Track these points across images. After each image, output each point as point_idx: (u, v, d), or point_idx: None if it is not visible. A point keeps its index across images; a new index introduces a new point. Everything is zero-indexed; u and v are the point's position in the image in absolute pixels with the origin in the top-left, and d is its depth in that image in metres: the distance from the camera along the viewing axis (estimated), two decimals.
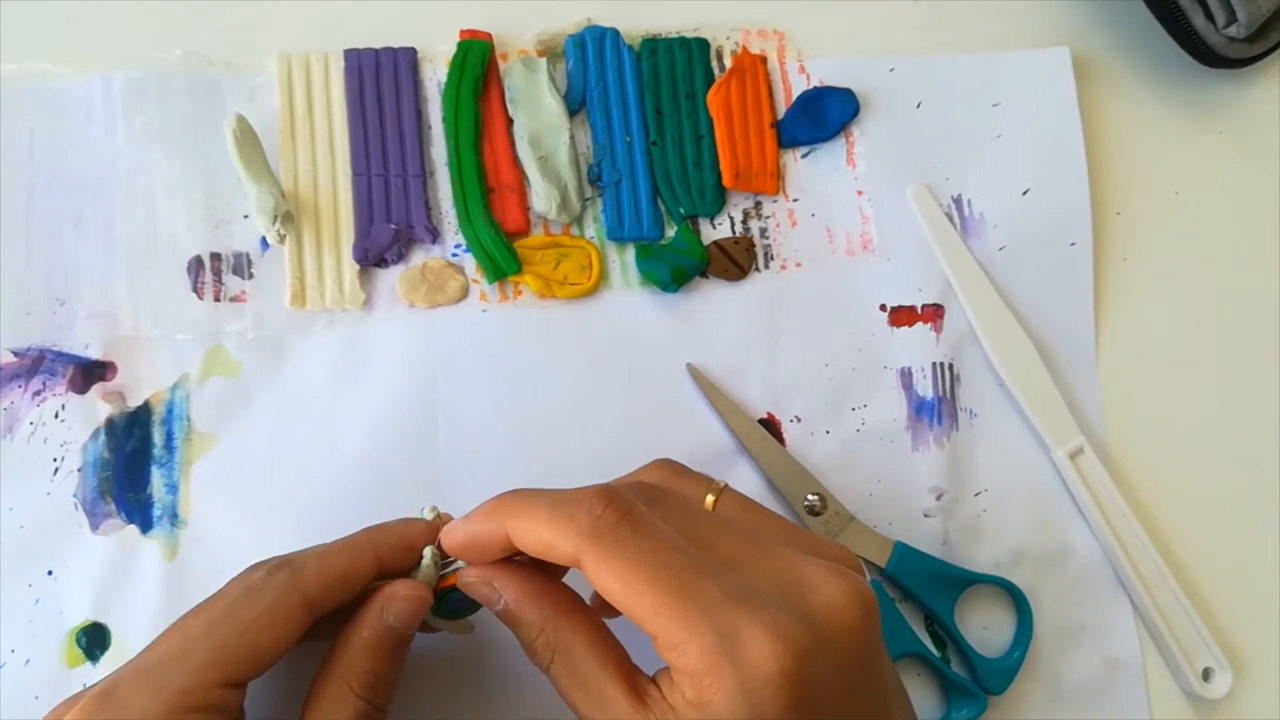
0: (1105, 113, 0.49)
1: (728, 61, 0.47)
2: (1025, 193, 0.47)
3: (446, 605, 0.34)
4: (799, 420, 0.44)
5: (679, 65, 0.46)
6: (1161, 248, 0.48)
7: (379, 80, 0.45)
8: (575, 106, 0.46)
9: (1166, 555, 0.43)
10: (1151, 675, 0.43)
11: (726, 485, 0.34)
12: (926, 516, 0.43)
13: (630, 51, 0.46)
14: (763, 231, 0.46)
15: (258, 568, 0.32)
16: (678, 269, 0.43)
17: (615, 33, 0.46)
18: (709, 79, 0.47)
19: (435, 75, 0.46)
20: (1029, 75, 0.48)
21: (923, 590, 0.41)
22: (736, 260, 0.45)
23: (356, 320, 0.43)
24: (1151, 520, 0.44)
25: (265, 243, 0.43)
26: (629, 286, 0.44)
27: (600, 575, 0.28)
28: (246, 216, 0.43)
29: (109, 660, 0.39)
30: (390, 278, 0.43)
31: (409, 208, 0.44)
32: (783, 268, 0.45)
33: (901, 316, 0.45)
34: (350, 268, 0.43)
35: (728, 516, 0.33)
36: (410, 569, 0.34)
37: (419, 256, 0.44)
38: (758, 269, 0.45)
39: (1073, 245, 0.46)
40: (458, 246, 0.44)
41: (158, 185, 0.43)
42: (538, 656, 0.31)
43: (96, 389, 0.41)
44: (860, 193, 0.46)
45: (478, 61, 0.45)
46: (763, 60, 0.47)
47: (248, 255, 0.43)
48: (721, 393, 0.43)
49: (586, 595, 0.32)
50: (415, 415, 0.42)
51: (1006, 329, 0.45)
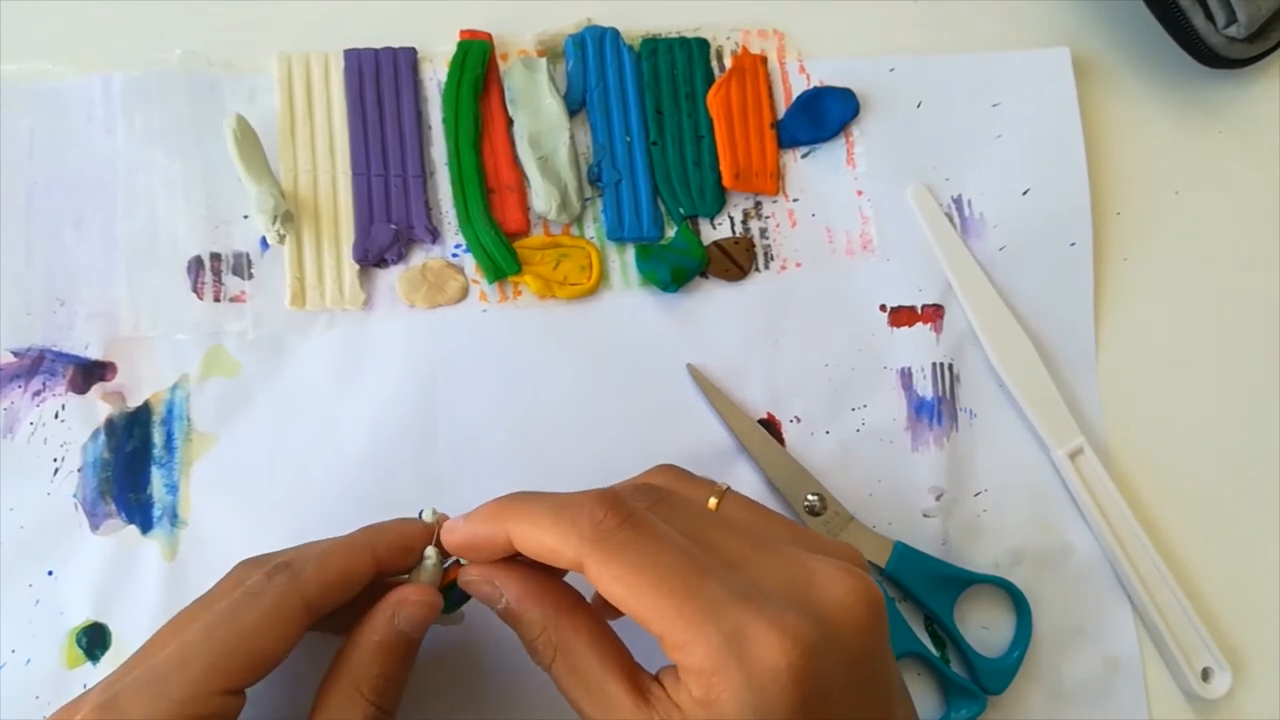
0: (1105, 113, 0.49)
1: (728, 61, 0.47)
2: (1025, 193, 0.47)
3: (444, 601, 0.34)
4: (799, 420, 0.44)
5: (679, 65, 0.46)
6: (1161, 248, 0.48)
7: (379, 80, 0.45)
8: (575, 106, 0.46)
9: (1166, 555, 0.43)
10: (1151, 675, 0.43)
11: (729, 488, 0.34)
12: (926, 516, 0.43)
13: (630, 51, 0.46)
14: (763, 231, 0.46)
15: (253, 568, 0.32)
16: (678, 269, 0.43)
17: (615, 33, 0.46)
18: (709, 79, 0.47)
19: (435, 75, 0.46)
20: (1029, 75, 0.48)
21: (922, 590, 0.41)
22: (736, 260, 0.45)
23: (356, 320, 0.43)
24: (1151, 520, 0.44)
25: (265, 243, 0.43)
26: (629, 287, 0.44)
27: (603, 580, 0.28)
28: (246, 216, 0.43)
29: (109, 660, 0.39)
30: (390, 278, 0.43)
31: (409, 208, 0.44)
32: (783, 268, 0.45)
33: (901, 317, 0.45)
34: (350, 268, 0.43)
35: (731, 518, 0.33)
36: (408, 570, 0.34)
37: (419, 257, 0.44)
38: (758, 269, 0.45)
39: (1073, 245, 0.46)
40: (458, 247, 0.44)
41: (158, 185, 0.43)
42: (539, 655, 0.31)
43: (96, 389, 0.41)
44: (860, 193, 0.46)
45: (478, 61, 0.45)
46: (763, 60, 0.47)
47: (248, 255, 0.43)
48: (721, 393, 0.43)
49: (588, 594, 0.32)
50: (415, 415, 0.42)
51: (1006, 329, 0.45)
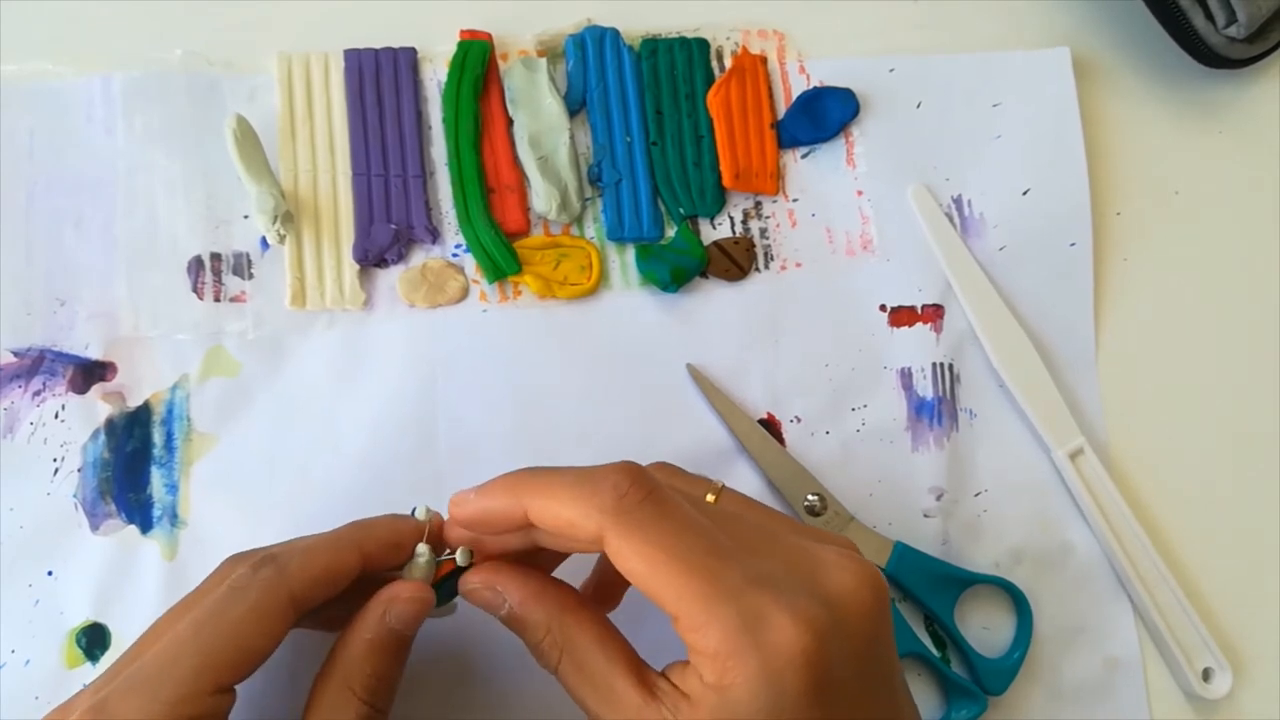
0: (1105, 113, 0.49)
1: (728, 62, 0.47)
2: (1025, 193, 0.47)
3: (436, 595, 0.34)
4: (799, 420, 0.44)
5: (679, 65, 0.46)
6: (1162, 248, 0.48)
7: (379, 80, 0.45)
8: (575, 107, 0.46)
9: (1166, 555, 0.43)
10: (1151, 675, 0.43)
11: (725, 485, 0.34)
12: (926, 517, 0.43)
13: (630, 52, 0.46)
14: (763, 232, 0.46)
15: (239, 562, 0.32)
16: (678, 269, 0.43)
17: (615, 33, 0.46)
18: (709, 79, 0.47)
19: (435, 75, 0.46)
20: (1029, 75, 0.48)
21: (923, 590, 0.41)
22: (736, 260, 0.45)
23: (357, 320, 0.43)
24: (1151, 520, 0.44)
25: (265, 243, 0.43)
26: (629, 287, 0.44)
27: (624, 554, 0.28)
28: (246, 217, 0.43)
29: (109, 661, 0.39)
30: (390, 278, 0.43)
31: (409, 208, 0.44)
32: (783, 268, 0.45)
33: (901, 317, 0.45)
34: (350, 268, 0.43)
35: (732, 511, 0.33)
36: (397, 566, 0.34)
37: (419, 257, 0.44)
38: (758, 269, 0.45)
39: (1073, 245, 0.46)
40: (458, 247, 0.44)
41: (158, 185, 0.43)
42: (544, 657, 0.31)
43: (96, 389, 0.41)
44: (860, 193, 0.46)
45: (478, 62, 0.45)
46: (763, 60, 0.47)
47: (248, 255, 0.43)
48: (721, 393, 0.43)
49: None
50: (415, 415, 0.42)
51: (1006, 329, 0.45)
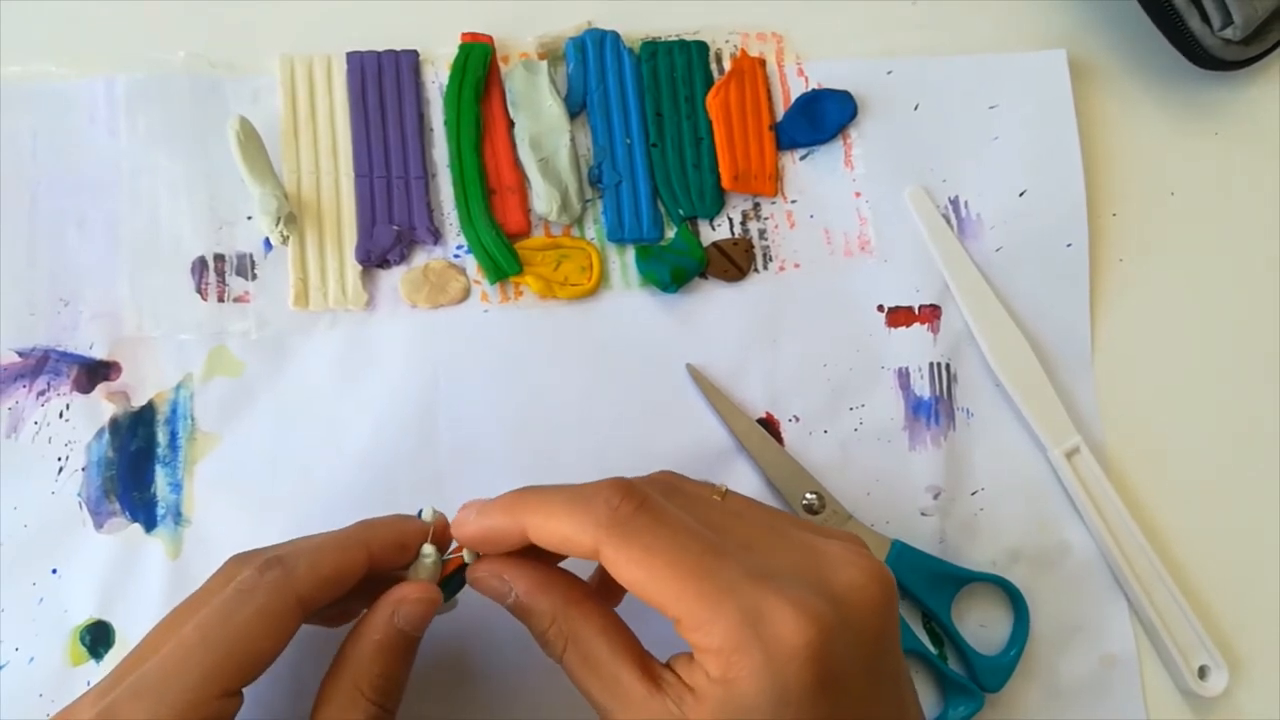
0: (1101, 114, 0.49)
1: (727, 64, 0.47)
2: (1022, 194, 0.47)
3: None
4: (797, 420, 0.44)
5: (679, 68, 0.47)
6: (1158, 249, 0.48)
7: (381, 82, 0.45)
8: (576, 109, 0.46)
9: (1162, 554, 0.43)
10: (1147, 673, 0.43)
11: (728, 489, 0.34)
12: (924, 515, 0.43)
13: (630, 54, 0.47)
14: (761, 233, 0.46)
15: (244, 563, 0.32)
16: (677, 270, 0.44)
17: (615, 36, 0.47)
18: (708, 82, 0.47)
19: (437, 78, 0.46)
20: (1026, 77, 0.48)
21: (920, 588, 0.41)
22: (735, 261, 0.45)
23: (359, 321, 0.43)
24: (1147, 519, 0.44)
25: (268, 244, 0.43)
26: (629, 287, 0.45)
27: (620, 564, 0.28)
28: (250, 217, 0.44)
29: (113, 658, 0.39)
30: (392, 278, 0.44)
31: (411, 209, 0.44)
32: (781, 269, 0.45)
33: (899, 317, 0.45)
34: (353, 268, 0.43)
35: (738, 509, 0.33)
36: (401, 566, 0.34)
37: (421, 257, 0.44)
38: (756, 270, 0.45)
39: (1069, 246, 0.47)
40: (459, 248, 0.44)
41: (161, 186, 0.44)
42: (550, 647, 0.31)
43: (100, 389, 0.41)
44: (858, 194, 0.47)
45: (479, 64, 0.45)
46: (761, 63, 0.47)
47: (251, 256, 0.43)
48: (721, 393, 0.43)
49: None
50: (417, 415, 0.42)
51: (1003, 329, 0.45)
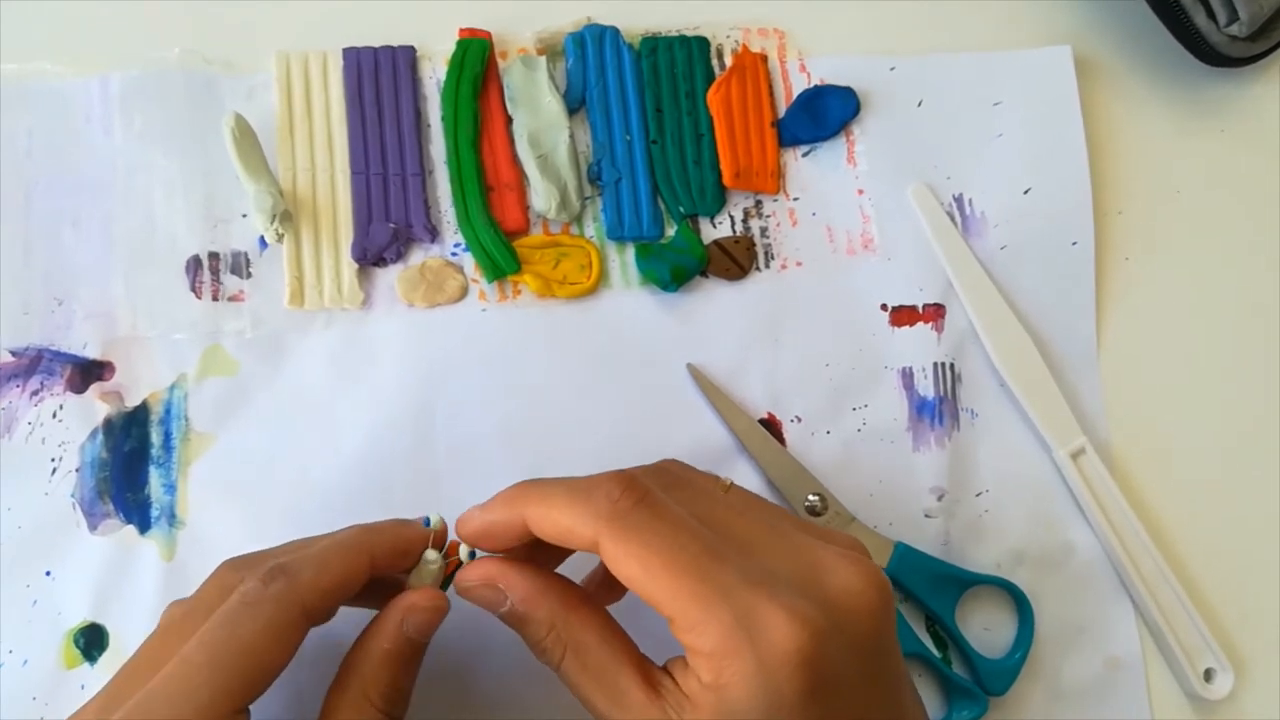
0: (1107, 112, 0.49)
1: (728, 60, 0.47)
2: (1026, 192, 0.47)
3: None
4: (799, 420, 0.43)
5: (679, 64, 0.46)
6: (1163, 247, 0.48)
7: (378, 79, 0.45)
8: (575, 105, 0.46)
9: (1168, 555, 0.43)
10: (1153, 676, 0.43)
11: (733, 482, 0.34)
12: (927, 517, 0.43)
13: (630, 50, 0.46)
14: (763, 230, 0.45)
15: (242, 569, 0.31)
16: (678, 268, 0.43)
17: (615, 31, 0.46)
18: (709, 77, 0.47)
19: (434, 74, 0.46)
20: (1030, 74, 0.48)
21: (924, 591, 0.41)
22: (737, 259, 0.45)
23: (355, 320, 0.43)
24: (1153, 520, 0.44)
25: (264, 242, 0.43)
26: (629, 286, 0.44)
27: (618, 558, 0.28)
28: (245, 216, 0.43)
29: (107, 661, 0.39)
30: (389, 277, 0.43)
31: (408, 207, 0.44)
32: (783, 267, 0.45)
33: (902, 316, 0.45)
34: (349, 267, 0.43)
35: (740, 506, 0.33)
36: (401, 571, 0.34)
37: (418, 255, 0.44)
38: (758, 268, 0.45)
39: (1074, 244, 0.46)
40: (457, 245, 0.44)
41: (156, 185, 0.43)
42: (548, 654, 0.31)
43: (94, 389, 0.41)
44: (861, 192, 0.46)
45: (477, 60, 0.45)
46: (763, 59, 0.47)
47: (246, 254, 0.43)
48: (721, 392, 0.43)
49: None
50: (414, 415, 0.42)
51: (1008, 328, 0.45)
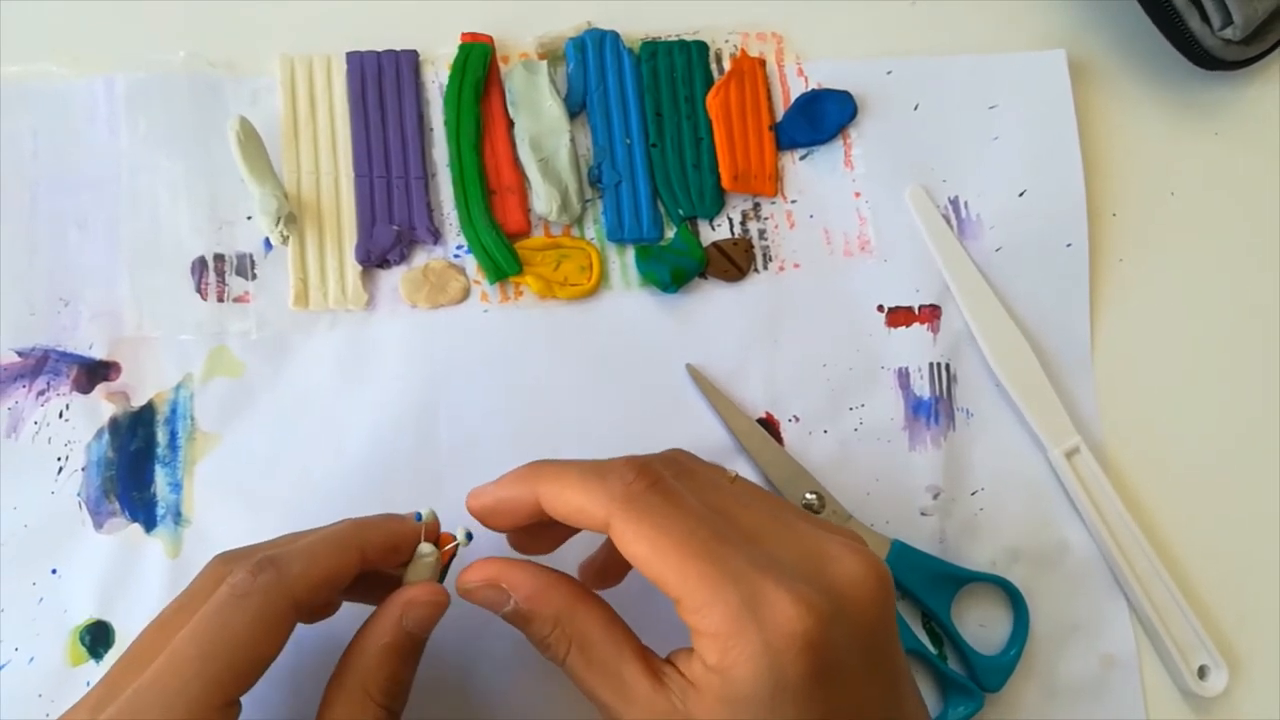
0: (1101, 114, 0.49)
1: (727, 64, 0.47)
2: (1022, 194, 0.47)
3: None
4: (797, 420, 0.44)
5: (678, 68, 0.47)
6: (1157, 249, 0.48)
7: (381, 82, 0.45)
8: (576, 109, 0.46)
9: (1162, 554, 0.44)
10: (1147, 673, 0.43)
11: (737, 473, 0.34)
12: (923, 515, 0.43)
13: (630, 54, 0.47)
14: (761, 233, 0.46)
15: (232, 562, 0.31)
16: (677, 270, 0.44)
17: (615, 36, 0.47)
18: (708, 82, 0.47)
19: (437, 78, 0.46)
20: (1025, 77, 0.48)
21: (920, 588, 0.41)
22: (735, 261, 0.45)
23: (359, 321, 0.43)
24: (1147, 519, 0.44)
25: (268, 244, 0.43)
26: (629, 287, 0.45)
27: (629, 539, 0.29)
28: (249, 217, 0.44)
29: (113, 658, 0.39)
30: (392, 278, 0.44)
31: (411, 209, 0.44)
32: (781, 269, 0.45)
33: (899, 317, 0.45)
34: (353, 268, 0.43)
35: (746, 496, 0.33)
36: (399, 567, 0.34)
37: (421, 257, 0.44)
38: (756, 270, 0.45)
39: (1069, 246, 0.47)
40: (459, 248, 0.44)
41: (161, 186, 0.44)
42: (552, 651, 0.31)
43: (100, 389, 0.41)
44: (858, 194, 0.47)
45: (479, 64, 0.45)
46: (761, 63, 0.47)
47: (251, 256, 0.43)
48: (721, 393, 0.43)
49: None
50: (417, 415, 0.42)
51: (1003, 329, 0.45)
